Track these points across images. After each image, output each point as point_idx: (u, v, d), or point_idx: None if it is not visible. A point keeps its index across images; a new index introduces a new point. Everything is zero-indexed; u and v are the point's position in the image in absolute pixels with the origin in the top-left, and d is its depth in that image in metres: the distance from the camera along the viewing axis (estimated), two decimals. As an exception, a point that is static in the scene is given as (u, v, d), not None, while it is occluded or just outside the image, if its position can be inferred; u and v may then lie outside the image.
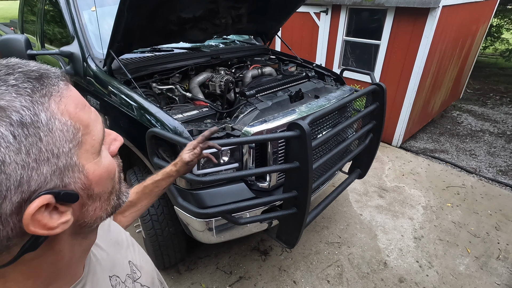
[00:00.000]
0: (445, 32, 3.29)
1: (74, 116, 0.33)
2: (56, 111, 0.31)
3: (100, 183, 0.36)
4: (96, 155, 0.35)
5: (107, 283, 0.49)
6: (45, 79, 0.31)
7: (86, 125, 0.34)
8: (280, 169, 1.42)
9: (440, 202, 2.73)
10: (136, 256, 0.61)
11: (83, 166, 0.34)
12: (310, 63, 2.43)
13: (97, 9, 2.03)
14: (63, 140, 0.31)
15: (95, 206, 0.37)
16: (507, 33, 8.07)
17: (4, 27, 4.20)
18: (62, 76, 0.34)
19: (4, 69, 0.30)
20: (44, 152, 0.29)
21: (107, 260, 0.52)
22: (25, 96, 0.29)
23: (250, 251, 2.18)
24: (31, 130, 0.28)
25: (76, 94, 0.35)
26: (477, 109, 5.07)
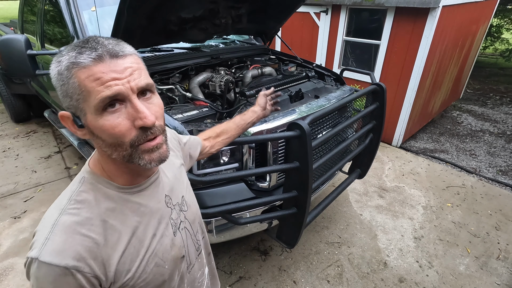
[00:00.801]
0: (445, 32, 3.29)
1: (81, 82, 0.47)
2: (73, 73, 0.47)
3: (95, 131, 0.50)
4: (94, 112, 0.48)
5: (163, 197, 0.65)
6: (83, 54, 0.47)
7: (88, 91, 0.47)
8: (280, 169, 1.42)
9: (440, 202, 2.73)
10: (189, 196, 0.77)
11: (86, 113, 0.49)
12: (310, 63, 2.43)
13: (97, 9, 2.03)
14: (74, 91, 0.48)
15: (100, 143, 0.52)
16: (507, 33, 8.07)
17: (4, 27, 4.19)
18: (100, 55, 0.48)
19: (82, 43, 0.49)
20: (64, 91, 0.49)
21: (167, 183, 0.68)
22: (68, 61, 0.48)
23: (250, 251, 2.18)
24: (61, 78, 0.49)
25: (95, 69, 0.47)
26: (477, 109, 5.07)
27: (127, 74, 0.49)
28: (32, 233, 2.23)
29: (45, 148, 3.52)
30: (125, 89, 0.48)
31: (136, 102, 0.49)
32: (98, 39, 0.50)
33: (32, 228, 2.33)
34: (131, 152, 0.51)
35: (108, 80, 0.47)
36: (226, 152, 1.48)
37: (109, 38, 0.51)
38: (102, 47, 0.48)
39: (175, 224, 0.67)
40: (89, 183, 0.56)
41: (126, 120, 0.49)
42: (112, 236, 0.54)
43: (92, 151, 2.56)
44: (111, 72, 0.47)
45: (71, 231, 0.50)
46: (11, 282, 1.90)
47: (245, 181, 1.57)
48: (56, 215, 0.52)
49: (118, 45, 0.50)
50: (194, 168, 1.42)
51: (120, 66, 0.48)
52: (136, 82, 0.49)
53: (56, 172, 3.05)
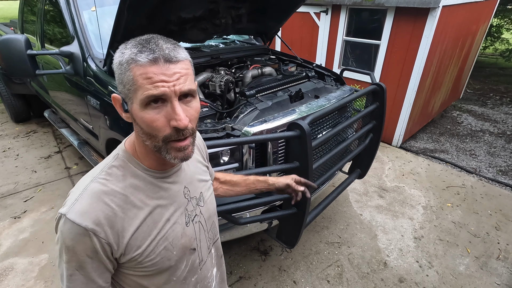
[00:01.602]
0: (445, 32, 3.28)
1: (135, 78, 0.53)
2: (130, 68, 0.54)
3: (136, 119, 0.57)
4: (139, 105, 0.55)
5: (182, 187, 0.71)
6: (143, 53, 0.53)
7: (138, 86, 0.53)
8: (280, 169, 1.42)
9: (440, 202, 2.73)
10: (208, 194, 0.80)
11: (133, 102, 0.56)
12: (310, 63, 2.43)
13: (97, 9, 2.03)
14: (128, 82, 0.54)
15: (138, 129, 0.59)
16: (507, 33, 8.07)
17: (4, 27, 4.19)
18: (157, 57, 0.53)
19: (144, 40, 0.56)
20: (121, 79, 0.56)
21: (188, 176, 0.74)
22: (130, 55, 0.54)
23: (250, 251, 2.18)
24: (121, 68, 0.55)
25: (150, 70, 0.53)
26: (477, 109, 5.07)
27: (175, 79, 0.54)
28: (32, 233, 2.22)
29: (45, 148, 3.52)
30: (170, 91, 0.53)
31: (175, 104, 0.55)
32: (158, 41, 0.56)
33: (32, 228, 2.33)
34: (161, 145, 0.58)
35: (157, 81, 0.52)
36: (226, 152, 1.48)
37: (168, 41, 0.57)
38: (160, 50, 0.54)
39: (189, 215, 0.71)
40: (121, 160, 0.63)
41: (163, 118, 0.55)
42: (130, 211, 0.60)
43: (92, 152, 2.56)
44: (161, 74, 0.53)
45: (96, 197, 0.57)
46: (11, 282, 1.90)
47: (245, 181, 1.57)
48: (88, 181, 0.60)
49: (175, 50, 0.56)
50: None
51: (170, 70, 0.54)
52: (180, 86, 0.54)
53: (56, 172, 3.05)
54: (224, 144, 1.31)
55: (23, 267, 2.00)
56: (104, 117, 1.85)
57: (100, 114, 1.89)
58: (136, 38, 0.57)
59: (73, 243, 0.55)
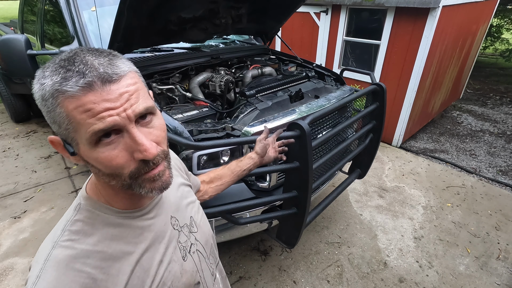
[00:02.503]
0: (445, 32, 3.28)
1: (69, 113, 0.41)
2: (59, 102, 0.41)
3: (89, 161, 0.46)
4: (87, 145, 0.43)
5: (168, 219, 0.60)
6: (69, 80, 0.41)
7: (77, 123, 0.42)
8: (280, 169, 1.42)
9: (440, 202, 2.73)
10: (199, 217, 0.71)
11: (78, 143, 0.44)
12: (310, 63, 2.43)
13: (97, 9, 2.03)
14: (62, 120, 0.42)
15: (96, 171, 0.48)
16: (507, 33, 8.07)
17: (4, 27, 4.19)
18: (90, 81, 0.41)
19: (67, 62, 0.42)
20: (51, 118, 0.44)
21: (174, 204, 0.64)
22: (52, 85, 0.41)
23: (250, 251, 2.18)
24: (46, 104, 0.43)
25: (85, 99, 0.41)
26: (477, 109, 5.07)
27: (123, 102, 0.42)
28: (32, 233, 2.22)
29: (45, 148, 3.52)
30: (121, 119, 0.42)
31: (134, 133, 0.44)
32: (86, 58, 0.42)
33: (32, 228, 2.33)
34: (130, 183, 0.47)
35: (100, 111, 0.41)
36: (226, 152, 1.48)
37: (99, 54, 0.44)
38: (91, 70, 0.41)
39: (184, 248, 0.62)
40: (85, 210, 0.51)
41: (123, 152, 0.44)
42: (112, 268, 0.49)
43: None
44: (103, 102, 0.41)
45: (63, 267, 0.45)
46: (11, 282, 1.90)
47: (245, 181, 1.57)
48: (48, 248, 0.48)
49: (111, 65, 0.43)
50: (194, 168, 1.42)
51: (114, 93, 0.42)
52: (133, 108, 0.43)
53: (56, 172, 3.05)
54: (224, 144, 1.31)
55: (23, 267, 2.00)
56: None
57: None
58: (54, 59, 0.43)
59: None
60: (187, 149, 1.37)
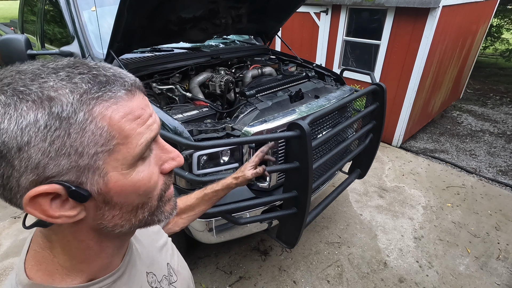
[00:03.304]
0: (445, 32, 3.28)
1: (115, 124, 0.32)
2: (97, 114, 0.31)
3: (121, 194, 0.36)
4: (126, 167, 0.35)
5: (143, 277, 0.50)
6: (107, 85, 0.33)
7: (126, 136, 0.33)
8: (280, 169, 1.42)
9: (440, 202, 2.73)
10: (175, 260, 0.62)
11: (107, 173, 0.34)
12: (310, 63, 2.43)
13: (97, 9, 2.03)
14: (92, 142, 0.31)
15: (113, 213, 0.37)
16: (507, 33, 8.07)
17: (4, 27, 4.20)
18: (131, 86, 0.35)
19: (80, 68, 0.33)
20: (68, 147, 0.30)
21: (146, 256, 0.54)
22: (75, 95, 0.30)
23: (250, 251, 2.18)
24: (64, 124, 0.30)
25: (134, 105, 0.34)
26: (477, 109, 5.07)
27: (151, 110, 0.38)
28: (32, 233, 2.24)
29: (45, 148, 3.52)
30: (159, 127, 0.39)
31: (162, 142, 0.40)
32: (102, 64, 0.36)
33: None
34: (156, 208, 0.41)
35: (148, 118, 0.36)
36: (226, 152, 1.48)
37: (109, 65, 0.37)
38: (124, 75, 0.36)
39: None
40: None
41: (155, 167, 0.39)
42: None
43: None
44: (147, 107, 0.37)
45: None
46: (11, 282, 1.90)
47: (245, 181, 1.57)
48: None
49: (127, 73, 0.37)
50: (194, 168, 1.42)
51: (145, 101, 0.37)
52: (155, 116, 0.39)
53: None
54: (224, 144, 1.31)
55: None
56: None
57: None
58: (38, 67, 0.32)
59: None
60: (187, 149, 1.37)
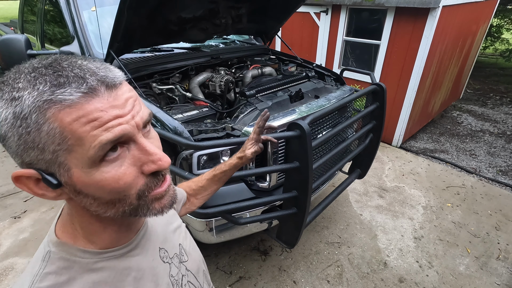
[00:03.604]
0: (445, 32, 3.28)
1: (66, 127, 0.34)
2: (49, 116, 0.33)
3: (87, 189, 0.38)
4: (87, 166, 0.36)
5: (156, 252, 0.54)
6: (62, 87, 0.34)
7: (78, 138, 0.34)
8: (280, 169, 1.42)
9: (440, 202, 2.73)
10: (187, 243, 0.65)
11: (70, 168, 0.36)
12: (310, 63, 2.43)
13: (97, 9, 2.03)
14: (49, 141, 0.34)
15: (89, 201, 0.39)
16: (507, 33, 8.07)
17: (4, 27, 4.20)
18: (91, 88, 0.35)
19: (50, 69, 0.35)
20: (29, 142, 0.34)
21: (160, 234, 0.57)
22: (31, 97, 0.33)
23: (250, 251, 2.18)
24: (23, 123, 0.33)
25: (91, 108, 0.34)
26: (477, 109, 5.07)
27: (130, 108, 0.38)
28: (32, 233, 2.22)
29: (45, 148, 3.52)
30: (131, 128, 0.37)
31: (143, 142, 0.39)
32: (78, 62, 0.36)
33: (32, 228, 2.33)
34: (137, 205, 0.41)
35: (109, 119, 0.35)
36: (226, 152, 1.48)
37: (92, 60, 0.38)
38: (91, 74, 0.35)
39: (176, 281, 0.56)
40: (58, 259, 0.42)
41: (131, 168, 0.38)
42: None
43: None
44: (111, 108, 0.36)
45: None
46: (11, 282, 1.90)
47: (245, 181, 1.57)
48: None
49: (109, 69, 0.38)
50: (194, 168, 1.42)
51: (120, 98, 0.37)
52: (140, 115, 0.39)
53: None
54: (224, 144, 1.31)
55: (23, 267, 2.00)
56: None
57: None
58: (20, 69, 0.36)
59: None
60: (187, 149, 1.37)
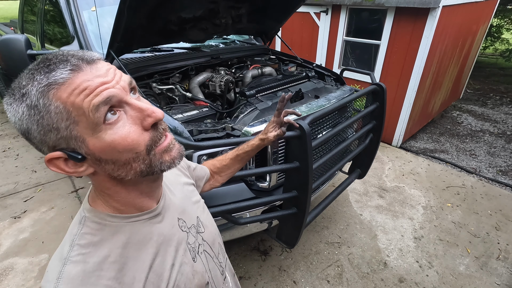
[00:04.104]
0: (445, 32, 3.28)
1: (67, 102, 0.40)
2: (52, 97, 0.40)
3: (104, 153, 0.44)
4: (95, 132, 0.42)
5: (175, 221, 0.61)
6: (53, 71, 0.40)
7: (78, 108, 0.40)
8: (280, 169, 1.42)
9: (440, 202, 2.73)
10: (205, 216, 0.72)
11: (84, 139, 0.42)
12: (310, 63, 2.43)
13: (97, 9, 2.03)
14: (59, 119, 0.40)
15: (111, 167, 0.46)
16: (507, 33, 8.07)
17: (4, 27, 4.19)
18: (74, 65, 0.41)
19: (42, 63, 0.41)
20: (46, 126, 0.41)
21: (179, 205, 0.64)
22: (34, 87, 0.40)
23: (250, 251, 2.18)
24: (36, 110, 0.40)
25: (79, 81, 0.40)
26: (477, 109, 5.07)
27: (112, 76, 0.43)
28: (32, 233, 2.21)
29: (45, 148, 3.52)
30: (118, 91, 0.43)
31: (134, 102, 0.45)
32: (60, 51, 0.43)
33: (32, 228, 2.33)
34: (150, 160, 0.47)
35: (96, 85, 0.41)
36: (225, 152, 1.48)
37: (69, 51, 0.44)
38: (72, 56, 0.42)
39: (193, 248, 0.62)
40: (91, 222, 0.50)
41: (134, 126, 0.45)
42: (126, 277, 0.49)
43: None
44: (96, 77, 0.41)
45: (78, 283, 0.44)
46: (11, 282, 1.90)
47: (245, 181, 1.57)
48: (59, 266, 0.46)
49: (87, 51, 0.44)
50: (194, 168, 1.41)
51: (101, 69, 0.43)
52: (123, 79, 0.45)
53: (56, 172, 3.04)
54: (224, 144, 1.31)
55: (23, 267, 2.00)
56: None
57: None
58: (23, 72, 0.42)
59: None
60: (187, 149, 1.37)
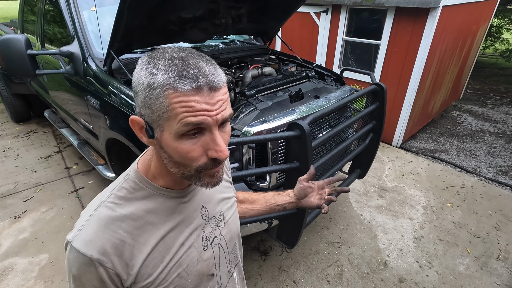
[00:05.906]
0: (445, 32, 3.28)
1: (172, 104, 0.46)
2: (166, 94, 0.46)
3: (167, 148, 0.51)
4: (173, 135, 0.49)
5: (199, 207, 0.65)
6: (182, 79, 0.46)
7: (175, 114, 0.47)
8: (280, 169, 1.42)
9: (440, 202, 2.73)
10: (230, 214, 0.74)
11: (164, 130, 0.49)
12: (310, 63, 2.43)
13: (97, 9, 2.03)
14: (159, 108, 0.47)
15: (164, 156, 0.53)
16: (507, 33, 8.07)
17: (4, 27, 4.19)
18: (200, 86, 0.46)
19: (178, 62, 0.47)
20: (147, 103, 0.48)
21: (207, 195, 0.68)
22: (161, 77, 0.46)
23: (250, 251, 2.18)
24: (151, 90, 0.47)
25: (191, 98, 0.46)
26: (477, 109, 5.07)
27: (217, 107, 0.49)
28: (32, 233, 2.22)
29: (45, 148, 3.52)
30: (212, 120, 0.48)
31: (216, 134, 0.50)
32: (198, 63, 0.48)
33: (32, 228, 2.33)
34: (193, 174, 0.53)
35: (199, 110, 0.47)
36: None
37: (207, 62, 0.50)
38: (203, 76, 0.47)
39: (207, 238, 0.66)
40: (132, 181, 0.58)
41: (200, 148, 0.50)
42: (140, 237, 0.56)
43: (92, 152, 2.56)
44: (204, 103, 0.47)
45: (103, 224, 0.53)
46: (11, 282, 1.90)
47: (245, 181, 1.57)
48: (96, 205, 0.56)
49: (217, 75, 0.49)
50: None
51: (214, 99, 0.48)
52: (222, 114, 0.50)
53: (56, 172, 3.05)
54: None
55: (23, 267, 2.00)
56: (104, 117, 1.85)
57: (100, 114, 1.89)
58: (164, 53, 0.49)
59: (79, 273, 0.52)
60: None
